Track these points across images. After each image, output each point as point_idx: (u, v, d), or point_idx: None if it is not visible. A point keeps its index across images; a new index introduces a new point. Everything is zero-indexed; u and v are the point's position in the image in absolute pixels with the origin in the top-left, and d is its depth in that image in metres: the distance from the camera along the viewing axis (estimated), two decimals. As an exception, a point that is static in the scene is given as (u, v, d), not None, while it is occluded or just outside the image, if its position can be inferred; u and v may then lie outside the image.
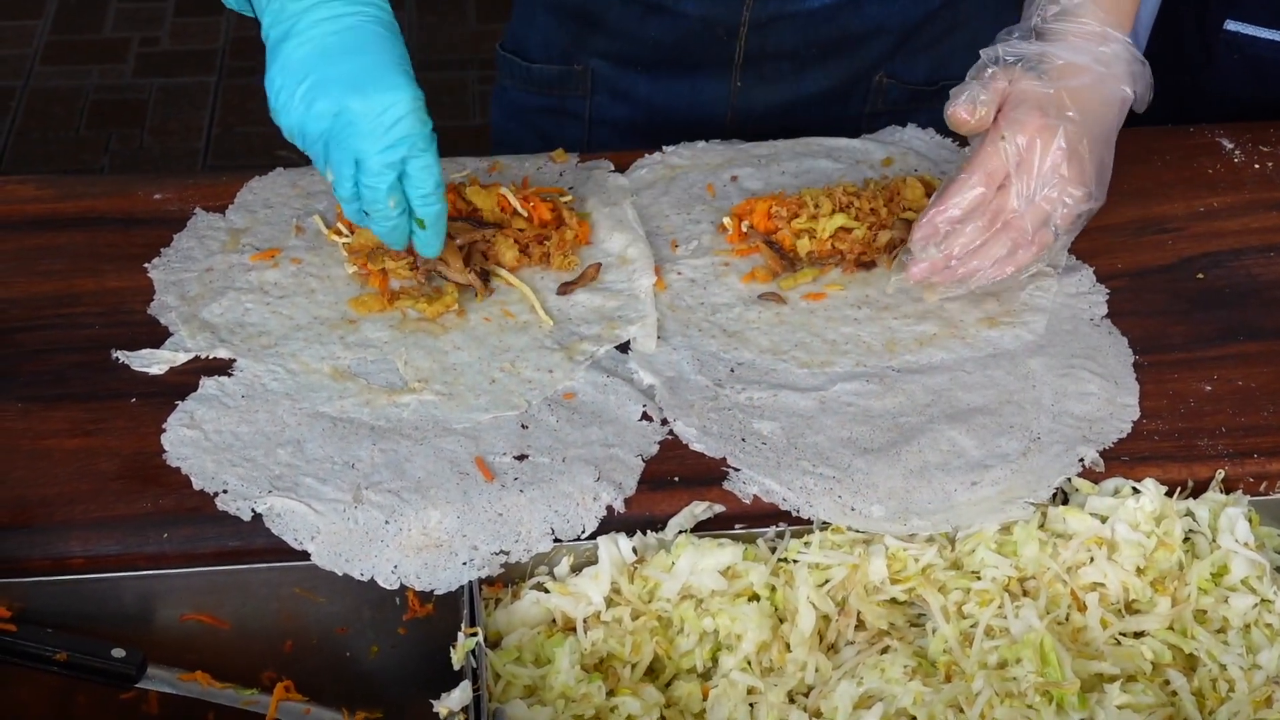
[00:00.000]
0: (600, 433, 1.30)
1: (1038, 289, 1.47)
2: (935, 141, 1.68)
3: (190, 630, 1.21)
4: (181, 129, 4.04)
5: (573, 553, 1.22)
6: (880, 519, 1.24)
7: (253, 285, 1.44)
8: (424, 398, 1.32)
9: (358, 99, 1.25)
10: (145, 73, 4.28)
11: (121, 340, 1.38)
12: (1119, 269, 1.51)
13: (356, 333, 1.39)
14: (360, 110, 1.25)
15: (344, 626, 1.23)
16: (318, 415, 1.30)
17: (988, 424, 1.31)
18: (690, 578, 1.19)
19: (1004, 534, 1.23)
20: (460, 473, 1.25)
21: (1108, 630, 1.18)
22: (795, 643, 1.17)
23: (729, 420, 1.32)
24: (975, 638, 1.16)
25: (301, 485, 1.23)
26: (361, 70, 1.26)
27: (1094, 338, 1.42)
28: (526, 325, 1.41)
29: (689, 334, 1.41)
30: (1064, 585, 1.20)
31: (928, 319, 1.43)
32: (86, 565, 1.20)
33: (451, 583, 1.18)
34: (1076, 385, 1.36)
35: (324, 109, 1.26)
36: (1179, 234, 1.57)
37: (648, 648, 1.17)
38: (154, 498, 1.23)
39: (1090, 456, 1.29)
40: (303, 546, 1.19)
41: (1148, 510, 1.24)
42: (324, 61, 1.27)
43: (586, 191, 1.58)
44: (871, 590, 1.20)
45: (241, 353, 1.36)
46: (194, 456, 1.26)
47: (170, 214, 1.54)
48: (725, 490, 1.26)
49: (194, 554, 1.20)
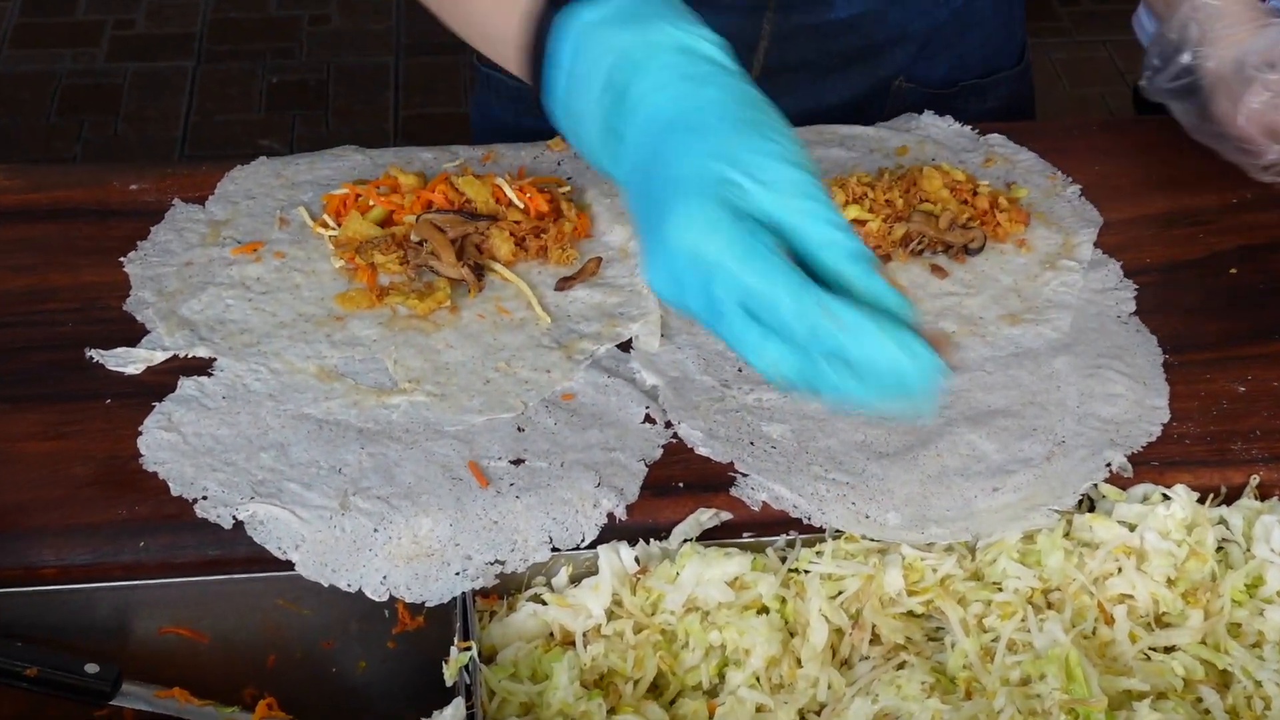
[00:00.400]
0: (601, 436, 1.30)
1: (1062, 284, 1.47)
2: (954, 130, 1.68)
3: (168, 644, 1.21)
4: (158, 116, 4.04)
5: (572, 563, 1.22)
6: (896, 527, 1.23)
7: (234, 280, 1.44)
8: (415, 399, 1.32)
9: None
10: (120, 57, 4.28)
11: (96, 338, 1.38)
12: (1148, 263, 1.51)
13: (343, 330, 1.39)
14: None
15: (330, 640, 1.23)
16: (303, 417, 1.30)
17: (1010, 427, 1.31)
18: (696, 589, 1.19)
19: (1027, 543, 1.23)
20: (453, 478, 1.25)
21: (1136, 645, 1.18)
22: (807, 658, 1.17)
23: (736, 423, 1.32)
24: (997, 652, 1.16)
25: (285, 491, 1.23)
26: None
27: (1121, 336, 1.42)
28: (523, 323, 1.41)
29: (694, 332, 1.41)
30: (1090, 597, 1.20)
31: (946, 316, 1.43)
32: (58, 575, 1.20)
33: (444, 594, 1.18)
34: (1103, 386, 1.36)
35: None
36: (1211, 227, 1.57)
37: (651, 663, 1.17)
38: (130, 504, 1.23)
39: (1118, 461, 1.29)
40: (287, 556, 1.19)
41: (1179, 518, 1.24)
42: None
43: (586, 181, 1.58)
44: (887, 602, 1.20)
45: (222, 351, 1.36)
46: (172, 461, 1.26)
47: (148, 205, 1.54)
48: (733, 496, 1.26)
49: (172, 564, 1.20)
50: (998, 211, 1.52)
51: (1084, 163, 1.64)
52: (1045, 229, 1.54)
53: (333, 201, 1.51)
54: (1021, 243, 1.52)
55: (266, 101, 4.11)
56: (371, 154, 1.62)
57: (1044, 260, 1.50)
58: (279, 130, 3.98)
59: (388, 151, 1.62)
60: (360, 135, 4.02)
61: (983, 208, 1.52)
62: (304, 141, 3.90)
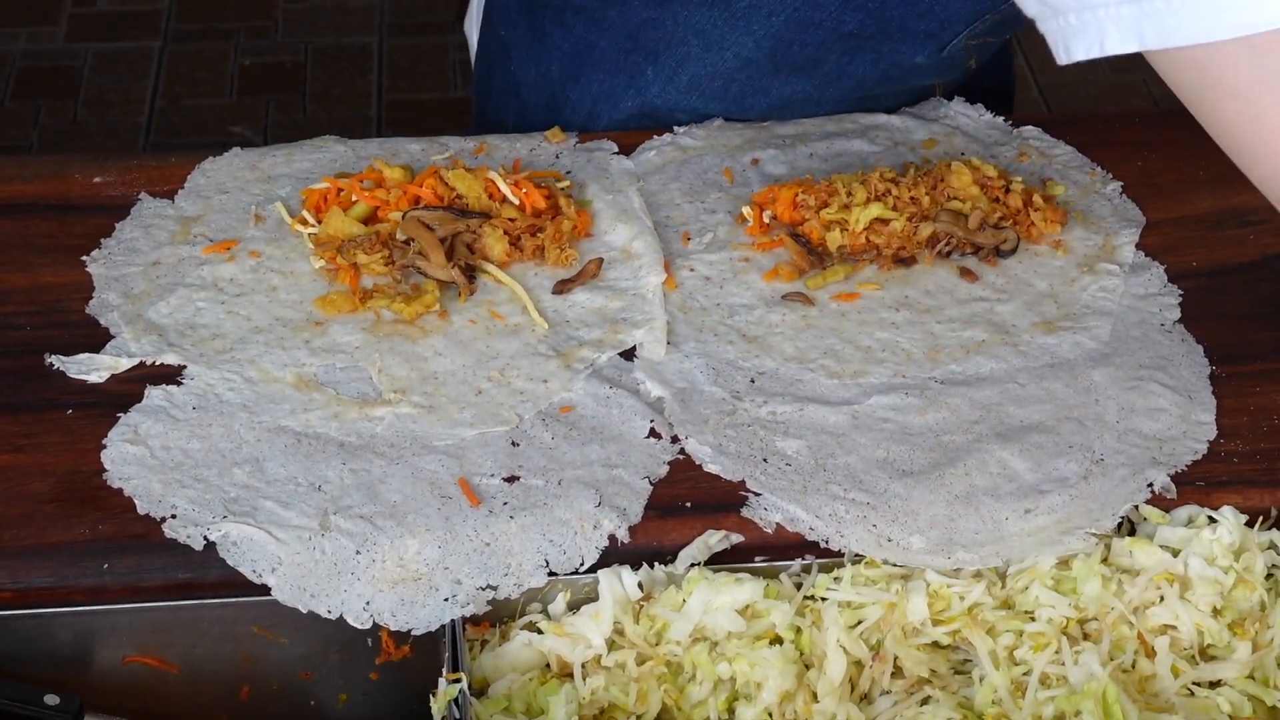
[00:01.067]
0: (602, 451, 1.31)
1: (1101, 290, 1.47)
2: (985, 121, 1.69)
3: (134, 674, 1.22)
4: (121, 101, 4.05)
5: (570, 588, 1.23)
6: (921, 551, 1.24)
7: (206, 281, 1.45)
8: (400, 411, 1.33)
9: None
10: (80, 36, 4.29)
11: (56, 343, 1.38)
12: (1194, 267, 1.52)
13: (324, 336, 1.40)
14: None
15: (308, 671, 1.24)
16: (279, 430, 1.31)
17: (1044, 443, 1.32)
18: (704, 617, 1.20)
19: (1062, 569, 1.24)
20: (442, 496, 1.26)
21: (1179, 679, 1.19)
22: (823, 692, 1.18)
23: (748, 438, 1.33)
24: (1029, 687, 1.17)
25: (261, 510, 1.24)
26: None
27: (1165, 346, 1.43)
28: (518, 329, 1.42)
29: (703, 339, 1.42)
30: (1130, 628, 1.21)
31: (975, 323, 1.44)
32: (15, 599, 1.20)
33: (431, 621, 1.19)
34: (1145, 400, 1.37)
35: None
36: (1262, 227, 1.57)
37: (655, 697, 1.18)
38: (93, 523, 1.24)
39: (1160, 481, 1.30)
40: (262, 579, 1.20)
41: (1225, 542, 1.25)
42: None
43: (586, 176, 1.59)
44: (910, 632, 1.21)
45: (193, 358, 1.37)
46: (138, 476, 1.27)
47: (112, 200, 1.55)
48: (744, 518, 1.27)
49: (138, 587, 1.21)
50: (1032, 210, 1.53)
51: (1125, 157, 1.65)
52: (1083, 229, 1.55)
53: (312, 196, 1.52)
54: (1057, 244, 1.53)
55: (239, 85, 4.11)
56: (354, 145, 1.63)
57: (1082, 263, 1.51)
58: (252, 116, 3.98)
59: (371, 142, 1.63)
60: (340, 122, 4.01)
61: (1016, 206, 1.53)
62: (279, 129, 3.90)
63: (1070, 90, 4.01)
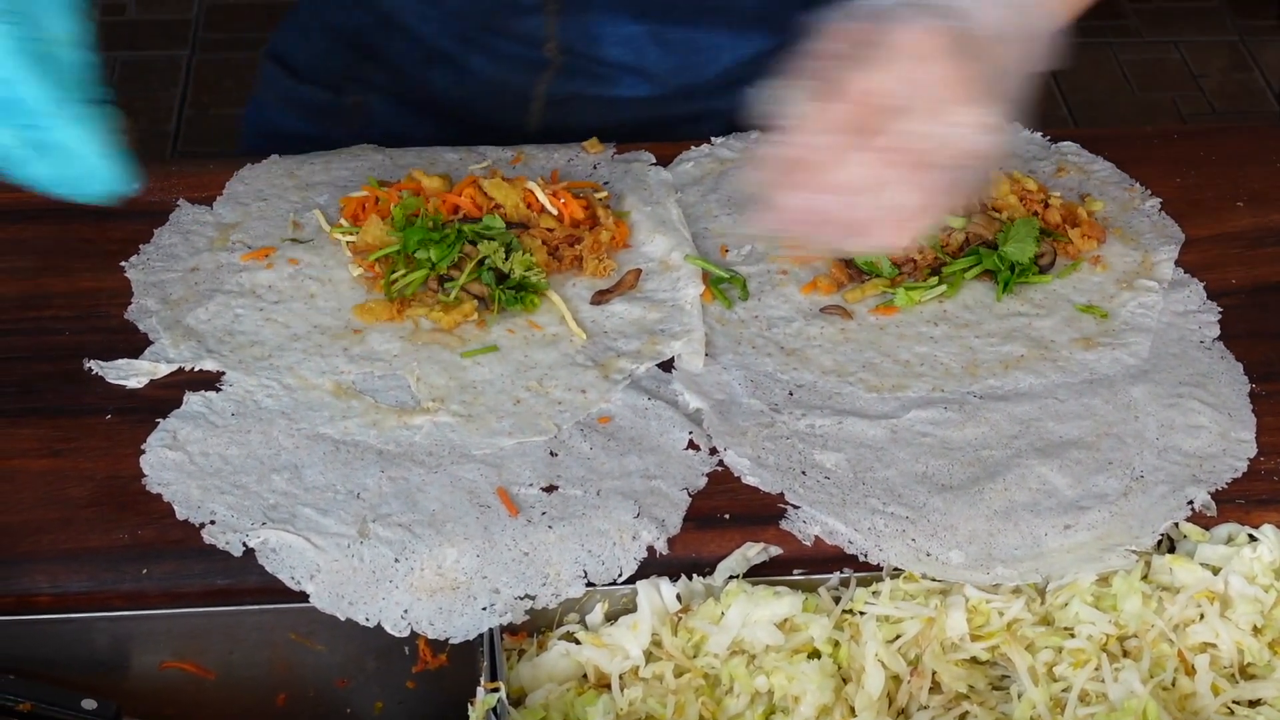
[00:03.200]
0: (640, 462, 1.31)
1: (1140, 306, 1.47)
2: (1023, 136, 1.69)
3: (171, 680, 1.22)
4: (149, 109, 4.06)
5: (608, 599, 1.23)
6: (960, 566, 1.24)
7: (244, 288, 1.46)
8: (439, 419, 1.33)
9: None
10: (109, 45, 4.30)
11: (95, 348, 1.39)
12: (1233, 284, 1.52)
13: (362, 344, 1.40)
14: None
15: (345, 678, 1.24)
16: (318, 437, 1.31)
17: (1083, 459, 1.32)
18: (742, 630, 1.20)
19: (1102, 585, 1.24)
20: (480, 505, 1.26)
21: (1219, 697, 1.19)
22: (861, 706, 1.18)
23: (787, 450, 1.33)
24: (1068, 704, 1.17)
25: (299, 516, 1.24)
26: None
27: (1205, 363, 1.43)
28: (556, 339, 1.42)
29: (741, 351, 1.42)
30: (1170, 645, 1.21)
31: (1014, 338, 1.44)
32: (54, 604, 1.21)
33: (469, 630, 1.19)
34: (1185, 417, 1.36)
35: None
36: (1302, 245, 1.57)
37: (692, 709, 1.18)
38: (131, 528, 1.24)
39: (1201, 498, 1.30)
40: (300, 586, 1.20)
41: (1266, 561, 1.24)
42: None
43: (624, 187, 1.59)
44: (949, 648, 1.21)
45: (231, 365, 1.38)
46: (177, 482, 1.27)
47: (150, 206, 1.55)
48: (782, 530, 1.27)
49: (176, 593, 1.22)
50: (1070, 226, 1.53)
51: (1164, 174, 1.64)
52: (1122, 245, 1.54)
53: (350, 204, 1.53)
54: (1096, 260, 1.53)
55: (267, 95, 4.13)
56: (392, 153, 1.63)
57: (1121, 279, 1.51)
58: (280, 126, 3.99)
59: (409, 151, 1.63)
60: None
61: (1055, 221, 1.52)
62: (307, 139, 3.91)
63: (1099, 108, 4.01)
